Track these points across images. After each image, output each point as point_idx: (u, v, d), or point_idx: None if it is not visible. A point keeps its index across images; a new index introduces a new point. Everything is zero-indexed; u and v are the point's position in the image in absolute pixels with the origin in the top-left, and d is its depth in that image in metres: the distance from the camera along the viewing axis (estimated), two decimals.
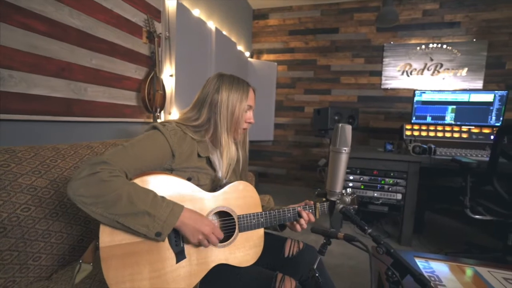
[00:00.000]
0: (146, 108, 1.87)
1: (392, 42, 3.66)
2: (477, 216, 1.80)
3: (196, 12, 2.44)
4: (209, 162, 1.00)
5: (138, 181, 0.79)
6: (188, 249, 0.83)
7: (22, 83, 1.19)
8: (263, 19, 4.19)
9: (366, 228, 0.72)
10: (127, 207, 0.70)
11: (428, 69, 3.62)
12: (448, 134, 2.74)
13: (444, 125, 2.76)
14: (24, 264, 0.90)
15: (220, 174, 1.01)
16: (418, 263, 1.19)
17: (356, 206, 1.22)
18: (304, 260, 1.03)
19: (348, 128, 0.74)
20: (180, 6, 2.17)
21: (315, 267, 0.75)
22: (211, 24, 2.71)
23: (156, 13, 2.01)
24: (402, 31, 3.63)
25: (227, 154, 0.98)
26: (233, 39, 3.43)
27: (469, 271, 1.14)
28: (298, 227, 1.06)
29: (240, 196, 0.97)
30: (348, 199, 0.77)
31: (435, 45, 3.55)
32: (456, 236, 2.56)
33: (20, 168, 0.96)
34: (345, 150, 0.75)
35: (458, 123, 2.74)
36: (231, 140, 1.00)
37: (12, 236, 0.88)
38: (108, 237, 0.73)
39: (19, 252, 0.89)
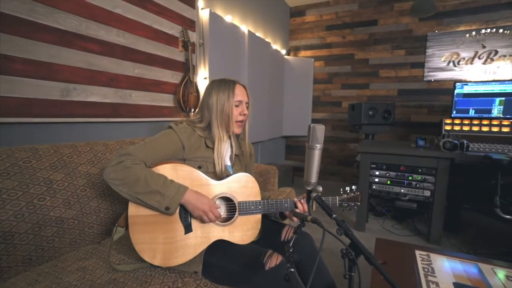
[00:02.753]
0: (181, 109, 2.15)
1: (436, 31, 3.45)
2: (507, 216, 1.71)
3: (229, 18, 2.65)
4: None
5: (160, 167, 1.02)
6: (194, 224, 1.04)
7: (82, 93, 1.52)
8: (300, 16, 4.25)
9: (331, 213, 0.84)
10: (144, 187, 0.93)
11: (479, 58, 3.33)
12: (495, 129, 2.54)
13: (490, 118, 2.56)
14: (82, 230, 1.21)
15: (220, 163, 1.16)
16: (417, 254, 1.23)
17: (359, 203, 1.29)
18: (298, 244, 1.16)
19: (319, 128, 0.87)
20: (212, 14, 2.40)
21: (291, 244, 0.89)
22: (244, 28, 2.91)
23: (190, 24, 2.27)
24: (449, 17, 3.39)
25: (219, 144, 1.16)
26: (268, 39, 3.58)
27: (470, 267, 1.15)
28: (294, 218, 1.19)
29: (242, 186, 1.15)
30: (320, 188, 0.89)
31: (488, 30, 3.25)
32: (498, 238, 2.39)
33: (80, 159, 1.28)
34: (317, 146, 0.88)
35: (508, 116, 2.52)
36: (224, 132, 1.18)
37: (74, 209, 1.18)
38: (134, 208, 0.98)
39: (79, 221, 1.20)
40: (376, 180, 2.35)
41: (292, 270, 0.72)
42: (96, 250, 1.17)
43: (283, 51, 4.00)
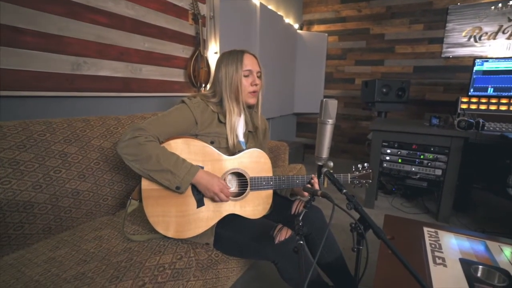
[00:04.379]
0: (192, 84, 2.13)
1: (459, 3, 3.24)
2: None
3: None
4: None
5: (172, 142, 1.03)
6: (206, 198, 1.06)
7: (92, 67, 1.52)
8: None
9: (342, 188, 0.84)
10: (155, 165, 0.94)
11: (503, 32, 3.14)
12: None
13: (510, 97, 2.46)
14: (97, 202, 1.25)
15: (233, 137, 1.15)
16: (425, 231, 1.23)
17: (370, 181, 1.28)
18: (308, 218, 1.18)
19: (332, 103, 0.86)
20: None
21: (300, 218, 0.89)
22: (256, 0, 2.80)
23: None
24: None
25: (230, 117, 1.14)
26: (281, 12, 3.45)
27: (477, 244, 1.15)
28: (305, 193, 1.19)
29: (253, 161, 1.15)
30: (331, 163, 0.89)
31: None
32: (509, 218, 2.37)
33: (92, 133, 1.29)
34: (329, 121, 0.87)
35: None
36: (235, 105, 1.15)
37: (88, 181, 1.22)
38: (147, 182, 1.00)
39: (93, 193, 1.23)
40: (387, 158, 2.32)
41: (301, 242, 0.73)
42: (111, 221, 1.22)
43: (296, 25, 3.86)
